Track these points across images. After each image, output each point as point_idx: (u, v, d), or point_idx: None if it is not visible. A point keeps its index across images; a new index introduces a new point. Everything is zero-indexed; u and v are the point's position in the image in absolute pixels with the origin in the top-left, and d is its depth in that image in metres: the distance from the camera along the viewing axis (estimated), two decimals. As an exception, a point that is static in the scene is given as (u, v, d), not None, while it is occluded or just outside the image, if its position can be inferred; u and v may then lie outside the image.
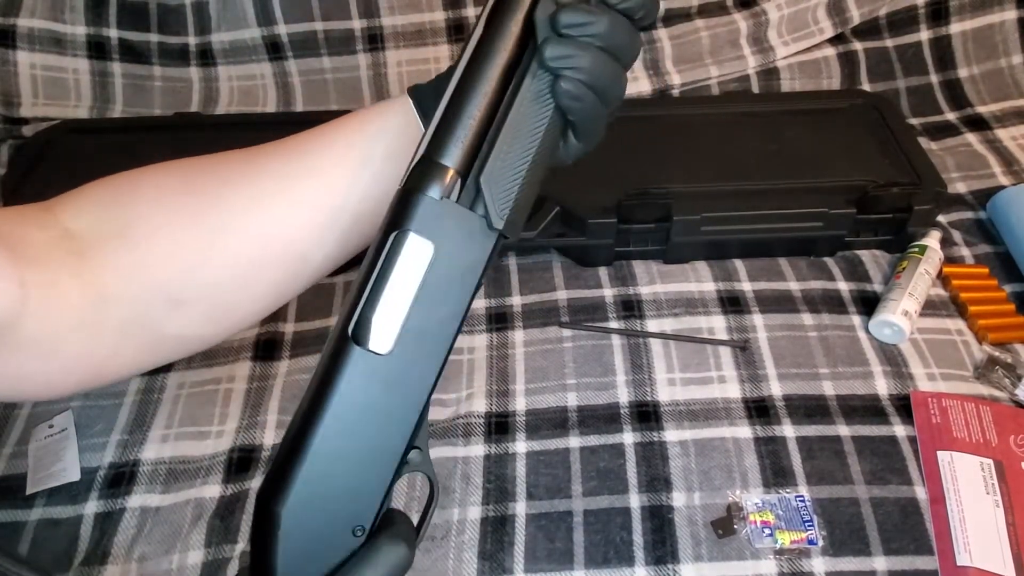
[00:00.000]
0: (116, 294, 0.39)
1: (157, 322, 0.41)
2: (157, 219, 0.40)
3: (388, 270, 0.34)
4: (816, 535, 0.58)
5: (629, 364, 0.71)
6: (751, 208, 0.77)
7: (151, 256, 0.40)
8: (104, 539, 0.61)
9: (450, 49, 1.01)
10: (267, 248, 0.42)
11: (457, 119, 0.35)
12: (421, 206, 0.34)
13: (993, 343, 0.71)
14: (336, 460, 0.35)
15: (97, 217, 0.40)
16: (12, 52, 0.97)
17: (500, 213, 0.35)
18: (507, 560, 0.58)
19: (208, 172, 0.42)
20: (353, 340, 0.34)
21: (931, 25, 1.02)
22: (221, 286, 0.42)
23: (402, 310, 0.34)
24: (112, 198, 0.41)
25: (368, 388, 0.35)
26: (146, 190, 0.41)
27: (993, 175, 0.90)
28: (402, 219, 0.34)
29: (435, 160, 0.35)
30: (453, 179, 0.35)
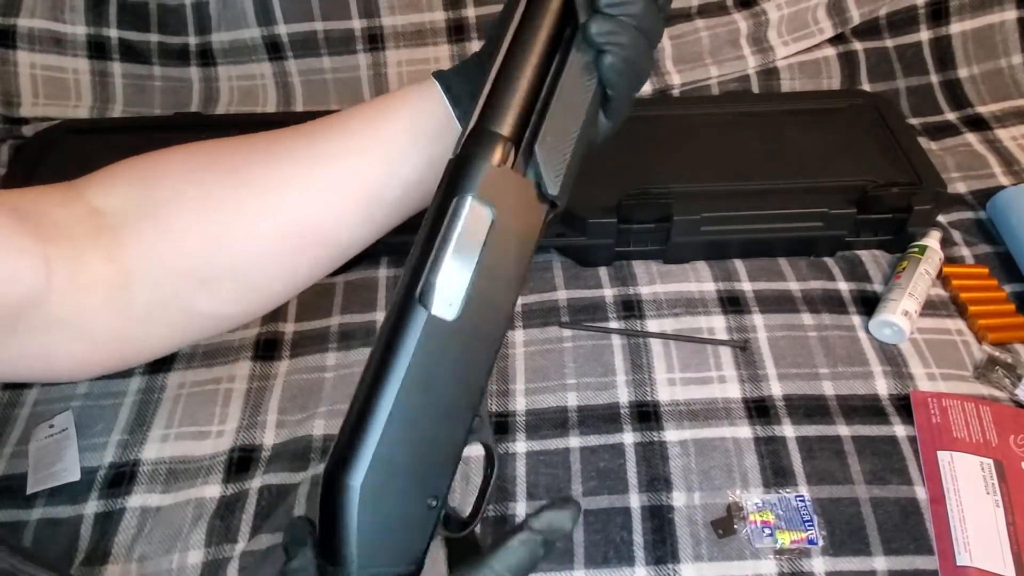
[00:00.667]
0: (144, 273, 0.39)
1: (187, 301, 0.41)
2: (185, 199, 0.40)
3: (451, 235, 0.34)
4: (816, 535, 0.58)
5: (629, 364, 0.71)
6: (751, 208, 0.77)
7: (179, 236, 0.40)
8: (104, 539, 0.61)
9: (450, 49, 1.01)
10: (294, 229, 0.42)
11: (508, 89, 0.36)
12: (481, 173, 0.35)
13: (993, 343, 0.71)
14: (410, 428, 0.34)
15: (125, 196, 0.40)
16: (12, 52, 0.97)
17: (555, 180, 0.37)
18: (507, 560, 0.58)
19: (235, 153, 0.42)
20: (421, 305, 0.34)
21: (931, 25, 1.02)
22: (249, 266, 0.42)
23: (467, 275, 0.35)
24: (140, 177, 0.41)
25: (438, 353, 0.34)
26: (174, 170, 0.42)
27: (993, 175, 0.90)
28: (462, 185, 0.35)
29: (490, 129, 0.36)
30: (508, 147, 0.36)
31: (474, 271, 0.35)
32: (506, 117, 0.36)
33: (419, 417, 0.35)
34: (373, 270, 0.81)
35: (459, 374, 0.36)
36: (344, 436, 0.35)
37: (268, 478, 0.64)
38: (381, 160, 0.42)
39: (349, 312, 0.77)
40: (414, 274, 0.35)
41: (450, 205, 0.35)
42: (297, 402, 0.70)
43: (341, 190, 0.42)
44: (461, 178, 0.35)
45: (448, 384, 0.35)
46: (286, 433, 0.68)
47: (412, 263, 0.35)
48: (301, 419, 0.68)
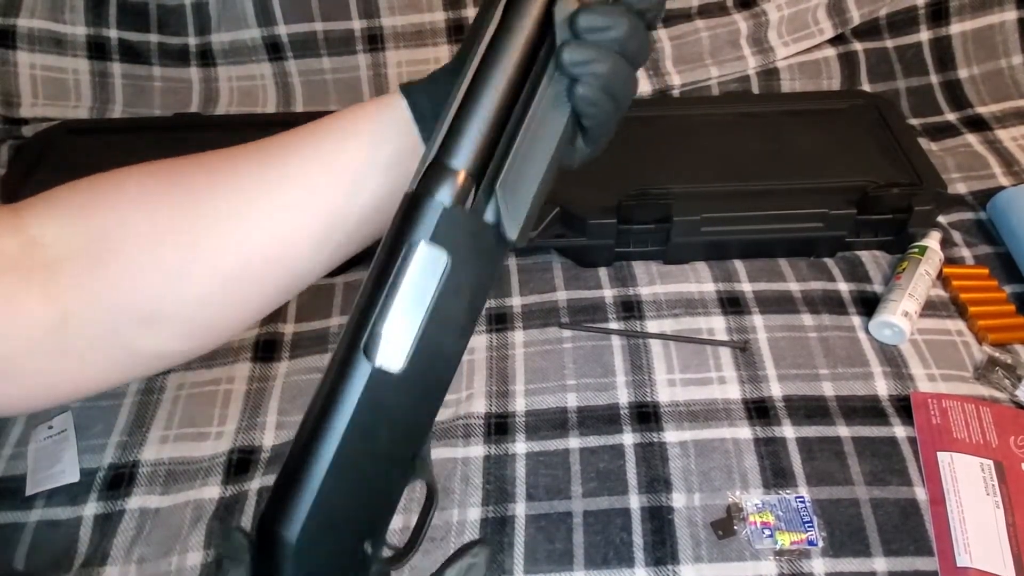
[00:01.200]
0: (83, 312, 0.37)
1: (128, 340, 0.38)
2: (128, 233, 0.37)
3: (400, 283, 0.32)
4: (816, 536, 0.58)
5: (629, 365, 0.71)
6: (751, 209, 0.77)
7: (121, 273, 0.37)
8: (103, 541, 0.61)
9: (450, 49, 1.01)
10: (246, 263, 0.39)
11: (470, 121, 0.33)
12: (435, 215, 0.32)
13: (993, 344, 0.71)
14: (348, 478, 0.33)
15: (65, 226, 0.37)
16: (12, 52, 0.97)
17: (515, 223, 0.34)
18: (507, 561, 0.58)
19: (186, 180, 0.39)
20: (365, 357, 0.32)
21: (931, 25, 1.02)
22: (197, 303, 0.39)
23: (416, 325, 0.33)
24: (81, 206, 0.38)
25: (382, 405, 0.33)
26: (118, 199, 0.38)
27: (993, 176, 0.90)
28: (415, 228, 0.33)
29: (447, 165, 0.33)
30: (467, 185, 0.33)
31: (424, 320, 0.33)
32: (467, 152, 0.33)
33: (359, 467, 0.34)
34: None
35: (402, 423, 0.34)
36: (281, 486, 0.34)
37: (267, 479, 0.64)
38: (339, 185, 0.39)
39: (349, 313, 0.77)
40: (360, 322, 0.33)
41: (401, 249, 0.33)
42: (297, 403, 0.70)
43: (296, 219, 0.39)
44: (414, 220, 0.33)
45: (390, 433, 0.34)
46: (286, 434, 0.67)
47: (359, 309, 0.33)
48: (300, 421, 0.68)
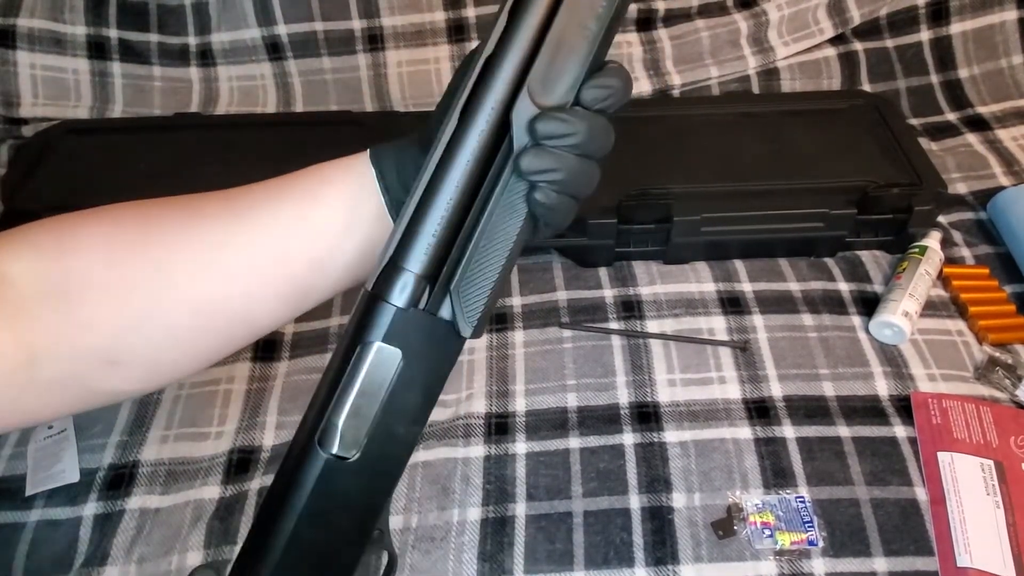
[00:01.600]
0: (48, 352, 0.37)
1: (90, 380, 0.39)
2: (95, 277, 0.38)
3: (355, 378, 0.34)
4: (816, 536, 0.58)
5: (629, 365, 0.71)
6: (751, 209, 0.77)
7: (86, 317, 0.38)
8: (103, 540, 0.61)
9: (450, 49, 1.01)
10: (210, 312, 0.40)
11: (426, 222, 0.34)
12: (389, 315, 0.34)
13: (993, 344, 0.71)
14: (303, 557, 0.35)
15: (34, 266, 0.37)
16: (12, 52, 0.97)
17: (469, 321, 0.35)
18: (507, 561, 0.58)
19: (154, 229, 0.39)
20: (320, 446, 0.34)
21: (931, 25, 1.02)
22: (159, 348, 0.40)
23: (369, 416, 0.34)
24: (52, 246, 0.39)
25: (336, 491, 0.35)
26: (87, 242, 0.39)
27: (993, 175, 0.90)
28: (370, 328, 0.34)
29: (403, 266, 0.34)
30: (421, 286, 0.34)
31: (377, 411, 0.34)
32: (421, 254, 0.34)
33: (315, 548, 0.35)
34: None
35: (358, 505, 0.36)
36: (241, 564, 0.36)
37: (267, 479, 0.64)
38: (307, 251, 0.39)
39: (349, 313, 0.77)
40: (317, 414, 0.35)
41: (355, 348, 0.34)
42: (296, 403, 0.70)
43: (263, 278, 0.40)
44: (369, 320, 0.34)
45: (347, 514, 0.36)
46: (286, 434, 0.67)
47: (316, 400, 0.35)
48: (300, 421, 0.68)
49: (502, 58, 0.33)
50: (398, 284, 0.34)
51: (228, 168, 0.85)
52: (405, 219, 0.35)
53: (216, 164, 0.86)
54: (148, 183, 0.83)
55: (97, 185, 0.83)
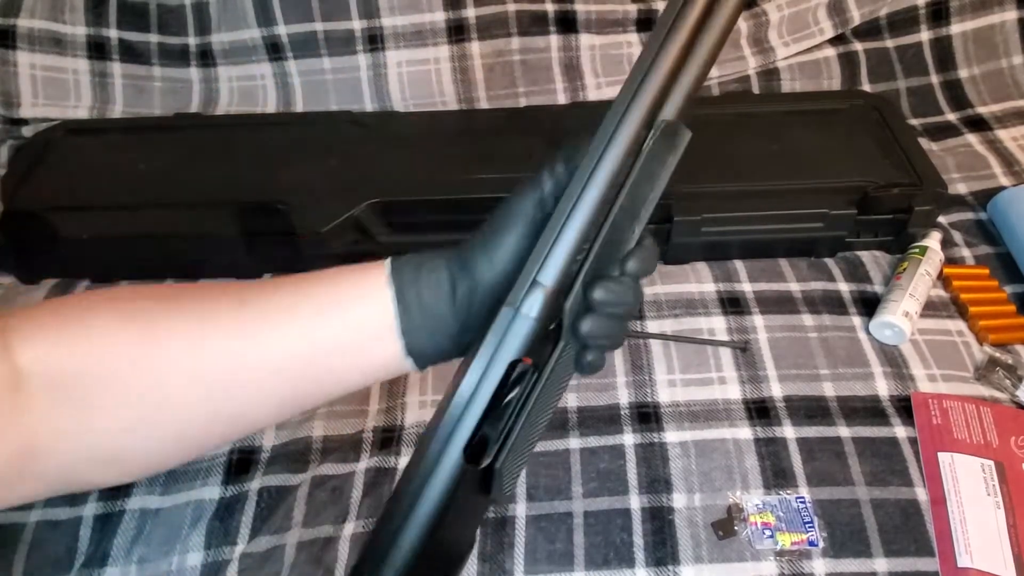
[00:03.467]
0: (48, 449, 0.37)
1: (83, 475, 0.40)
2: (103, 377, 0.38)
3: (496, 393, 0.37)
4: (817, 536, 0.58)
5: (629, 365, 0.71)
6: (751, 209, 0.77)
7: (92, 418, 0.38)
8: (103, 541, 0.61)
9: (450, 49, 1.01)
10: (208, 417, 0.40)
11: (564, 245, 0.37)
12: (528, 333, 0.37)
13: (994, 344, 0.71)
14: (428, 557, 0.37)
15: (46, 356, 0.37)
16: (12, 52, 0.97)
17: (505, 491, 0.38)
18: (507, 561, 0.58)
19: (162, 329, 0.39)
20: (466, 458, 0.36)
21: (931, 25, 1.02)
22: (158, 448, 0.40)
23: (506, 427, 0.37)
24: (62, 336, 0.38)
25: (469, 495, 0.38)
26: (98, 339, 0.38)
27: (994, 176, 0.90)
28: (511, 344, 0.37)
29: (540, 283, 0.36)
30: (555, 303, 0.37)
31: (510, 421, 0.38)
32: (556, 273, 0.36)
33: (441, 546, 0.38)
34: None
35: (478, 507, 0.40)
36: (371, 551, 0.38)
37: (267, 480, 0.64)
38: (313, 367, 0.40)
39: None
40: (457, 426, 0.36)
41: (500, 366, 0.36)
42: (297, 403, 0.70)
43: (265, 389, 0.40)
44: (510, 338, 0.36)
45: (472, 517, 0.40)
46: (285, 434, 0.67)
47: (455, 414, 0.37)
48: (300, 420, 0.68)
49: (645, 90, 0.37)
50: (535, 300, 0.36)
51: (228, 168, 0.85)
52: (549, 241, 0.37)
53: (216, 164, 0.86)
54: (148, 183, 0.83)
55: (97, 185, 0.84)
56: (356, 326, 0.39)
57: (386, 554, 0.37)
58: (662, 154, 0.38)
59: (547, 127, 0.88)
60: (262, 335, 0.39)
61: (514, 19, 1.00)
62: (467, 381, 0.36)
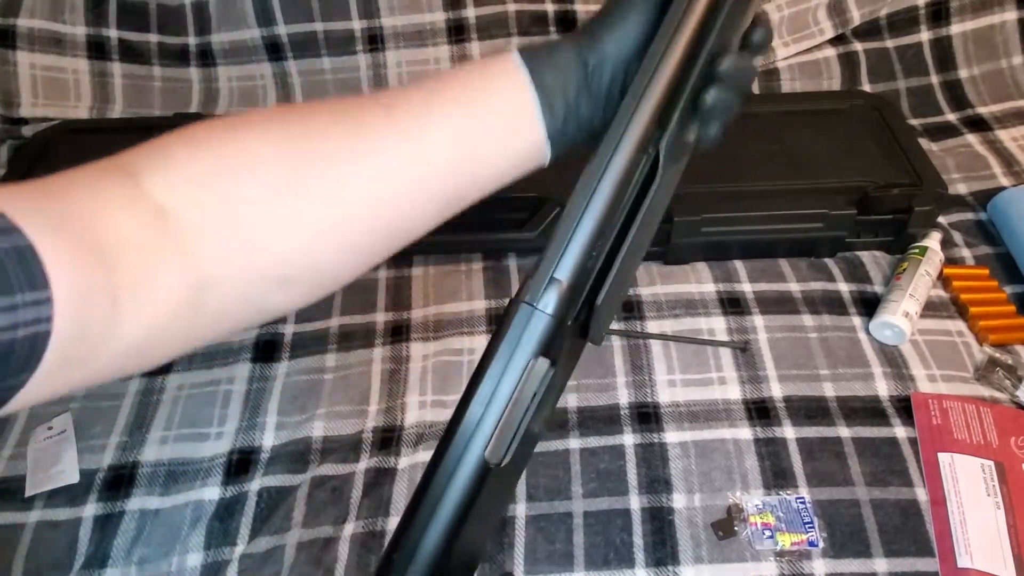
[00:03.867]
0: (219, 278, 0.36)
1: (259, 301, 0.39)
2: (259, 198, 0.37)
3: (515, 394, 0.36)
4: (816, 537, 0.58)
5: (629, 365, 0.71)
6: (751, 209, 0.77)
7: (256, 240, 0.37)
8: (103, 541, 0.61)
9: (450, 49, 1.01)
10: (376, 223, 0.40)
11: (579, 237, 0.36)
12: (545, 327, 0.36)
13: (994, 344, 0.71)
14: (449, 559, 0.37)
15: (195, 193, 0.36)
16: (12, 52, 0.97)
17: (602, 331, 0.38)
18: (507, 561, 0.58)
19: (316, 144, 0.39)
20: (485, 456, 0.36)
21: (931, 26, 1.02)
22: (329, 262, 0.40)
23: (521, 424, 0.36)
24: (207, 171, 0.37)
25: (489, 492, 0.37)
26: (244, 161, 0.38)
27: (994, 176, 0.90)
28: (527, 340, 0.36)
29: (557, 278, 0.36)
30: (570, 297, 0.36)
31: (527, 419, 0.36)
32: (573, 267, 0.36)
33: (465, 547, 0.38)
34: (372, 271, 0.81)
35: (500, 501, 0.39)
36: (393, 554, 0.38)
37: (267, 480, 0.64)
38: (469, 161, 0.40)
39: (349, 313, 0.77)
40: (478, 428, 0.36)
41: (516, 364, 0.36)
42: (296, 403, 0.70)
43: (426, 188, 0.40)
44: (525, 333, 0.36)
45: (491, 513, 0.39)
46: (285, 435, 0.67)
47: (476, 414, 0.36)
48: (300, 421, 0.68)
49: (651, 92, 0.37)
50: (553, 296, 0.36)
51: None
52: (564, 234, 0.36)
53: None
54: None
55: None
56: (502, 114, 0.40)
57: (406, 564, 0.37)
58: None
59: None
60: (414, 136, 0.39)
61: (514, 19, 1.00)
62: (485, 383, 0.36)
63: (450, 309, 0.77)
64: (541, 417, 0.37)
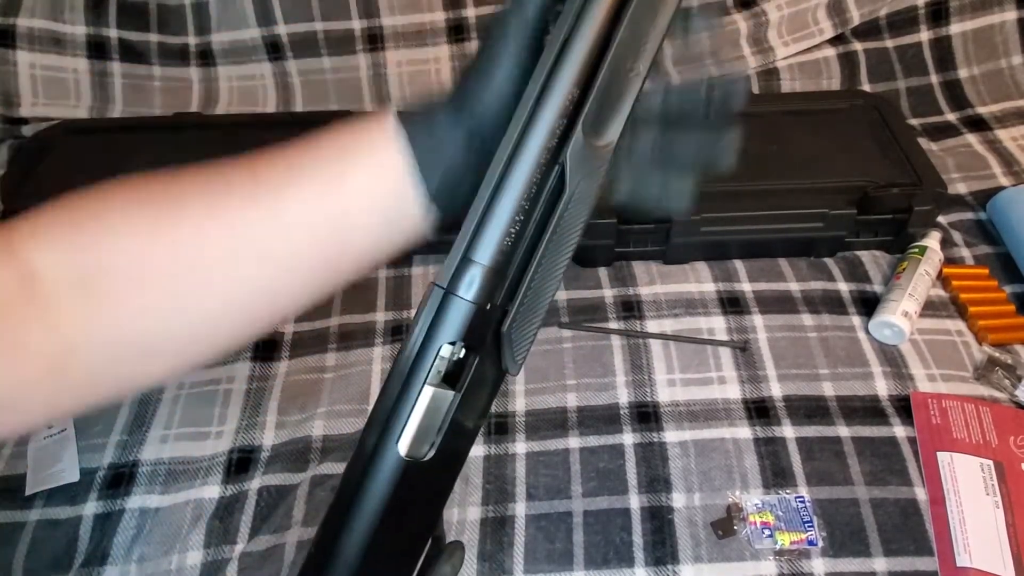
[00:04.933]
0: (81, 344, 0.36)
1: (123, 372, 0.39)
2: (126, 267, 0.37)
3: (433, 380, 0.34)
4: (816, 536, 0.58)
5: (629, 365, 0.71)
6: (751, 209, 0.77)
7: (116, 309, 0.37)
8: (103, 540, 0.61)
9: (450, 49, 1.01)
10: (239, 296, 0.39)
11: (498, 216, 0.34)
12: (465, 313, 0.34)
13: (993, 344, 0.71)
14: (377, 560, 0.36)
15: (60, 258, 0.36)
16: (12, 52, 0.97)
17: (517, 359, 0.35)
18: (507, 561, 0.58)
19: (180, 209, 0.38)
20: (401, 451, 0.34)
21: (931, 26, 1.02)
22: (192, 335, 0.39)
23: (444, 416, 0.34)
24: (76, 234, 0.37)
25: (412, 490, 0.35)
26: (114, 229, 0.37)
27: (993, 176, 0.90)
28: (445, 326, 0.34)
29: (475, 260, 0.34)
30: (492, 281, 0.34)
31: (452, 411, 0.34)
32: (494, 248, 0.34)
33: (390, 547, 0.36)
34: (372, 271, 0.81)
35: (429, 501, 0.37)
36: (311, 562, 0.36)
37: (267, 479, 0.64)
38: (335, 229, 0.38)
39: (349, 313, 0.77)
40: (390, 417, 0.34)
41: (432, 350, 0.34)
42: (296, 403, 0.70)
43: (291, 259, 0.39)
44: (443, 319, 0.34)
45: (419, 512, 0.37)
46: (285, 434, 0.67)
47: (387, 404, 0.35)
48: (300, 420, 0.68)
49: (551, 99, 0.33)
50: (472, 279, 0.34)
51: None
52: (478, 213, 0.34)
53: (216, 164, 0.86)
54: (148, 183, 0.83)
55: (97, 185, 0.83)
56: (372, 176, 0.38)
57: (327, 562, 0.35)
58: None
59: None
60: (273, 201, 0.38)
61: (514, 19, 1.00)
62: (394, 373, 0.34)
63: (450, 308, 0.77)
64: (472, 410, 0.35)
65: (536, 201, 0.34)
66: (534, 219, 0.34)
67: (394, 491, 0.34)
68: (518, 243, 0.34)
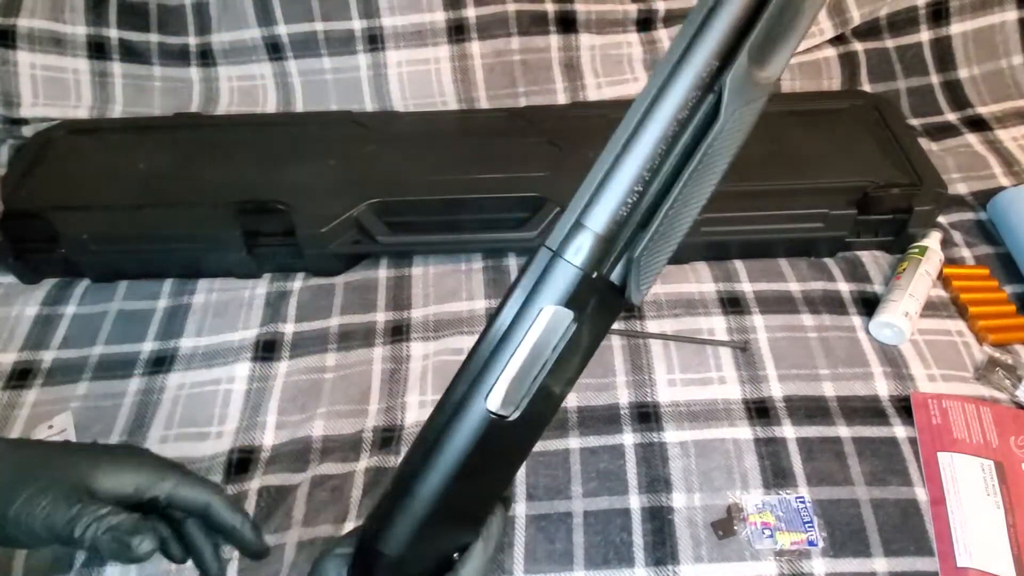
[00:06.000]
0: None
1: None
2: None
3: (528, 342, 0.33)
4: (816, 536, 0.58)
5: (629, 365, 0.71)
6: (751, 209, 0.77)
7: None
8: (103, 540, 0.61)
9: (450, 49, 1.01)
10: None
11: (618, 183, 0.32)
12: (570, 278, 0.33)
13: (994, 344, 0.71)
14: (450, 509, 0.36)
15: None
16: (12, 52, 0.97)
17: (642, 289, 0.34)
18: (507, 561, 0.58)
19: None
20: (488, 407, 0.34)
21: (931, 26, 1.02)
22: None
23: (536, 379, 0.34)
24: None
25: (491, 447, 0.35)
26: None
27: (993, 176, 0.90)
28: (549, 289, 0.33)
29: (587, 227, 0.33)
30: (602, 249, 0.33)
31: (542, 373, 0.34)
32: (608, 216, 0.32)
33: (462, 502, 0.36)
34: (373, 271, 0.81)
35: (507, 461, 0.37)
36: (384, 510, 0.36)
37: (267, 479, 0.64)
38: None
39: (349, 313, 0.77)
40: (482, 372, 0.34)
41: (533, 310, 0.33)
42: (297, 403, 0.70)
43: None
44: (547, 281, 0.33)
45: (495, 470, 0.37)
46: (286, 434, 0.67)
47: (480, 360, 0.34)
48: (301, 420, 0.68)
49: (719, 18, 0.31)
50: (582, 245, 0.33)
51: (228, 168, 0.85)
52: (598, 177, 0.33)
53: (216, 164, 0.86)
54: (148, 183, 0.83)
55: (97, 185, 0.83)
56: None
57: (402, 502, 0.35)
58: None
59: (547, 127, 0.88)
60: None
61: (514, 19, 1.00)
62: (495, 326, 0.34)
63: (450, 309, 0.77)
64: (562, 377, 0.35)
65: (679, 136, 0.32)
66: (677, 150, 0.32)
67: (476, 445, 0.34)
68: (634, 211, 0.33)
